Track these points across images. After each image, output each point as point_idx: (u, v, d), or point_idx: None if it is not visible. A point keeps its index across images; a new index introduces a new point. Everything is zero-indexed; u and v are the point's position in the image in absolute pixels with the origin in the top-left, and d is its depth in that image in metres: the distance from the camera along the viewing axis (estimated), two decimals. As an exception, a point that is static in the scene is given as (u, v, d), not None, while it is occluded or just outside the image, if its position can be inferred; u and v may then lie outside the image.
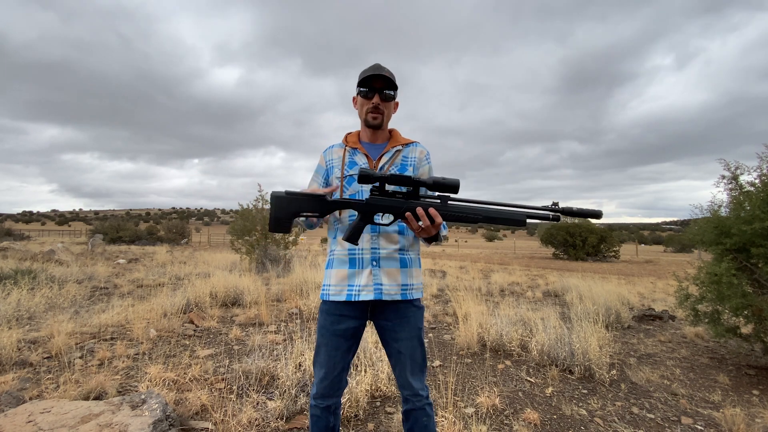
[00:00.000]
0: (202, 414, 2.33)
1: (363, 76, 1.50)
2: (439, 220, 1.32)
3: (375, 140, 1.60)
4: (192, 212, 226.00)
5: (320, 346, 1.53)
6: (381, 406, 2.56)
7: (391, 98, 1.53)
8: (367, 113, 1.53)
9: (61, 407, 1.99)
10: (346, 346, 1.51)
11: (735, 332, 3.52)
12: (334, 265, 1.52)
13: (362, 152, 1.55)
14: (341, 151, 1.59)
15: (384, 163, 1.54)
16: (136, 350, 3.38)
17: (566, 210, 1.29)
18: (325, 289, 1.53)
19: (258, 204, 10.23)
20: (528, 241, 55.99)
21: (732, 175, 3.59)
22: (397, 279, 1.49)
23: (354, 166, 1.54)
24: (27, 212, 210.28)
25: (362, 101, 1.54)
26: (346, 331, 1.49)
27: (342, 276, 1.49)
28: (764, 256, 3.24)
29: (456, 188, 1.30)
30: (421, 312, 1.58)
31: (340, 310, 1.49)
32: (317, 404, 1.53)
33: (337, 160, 1.58)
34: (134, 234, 25.29)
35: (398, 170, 1.55)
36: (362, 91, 1.52)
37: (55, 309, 4.77)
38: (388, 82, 1.50)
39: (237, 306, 5.33)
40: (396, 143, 1.59)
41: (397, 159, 1.57)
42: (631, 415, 2.58)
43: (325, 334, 1.51)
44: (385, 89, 1.51)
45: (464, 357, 3.61)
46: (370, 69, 1.50)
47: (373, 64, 1.54)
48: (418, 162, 1.60)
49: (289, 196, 1.37)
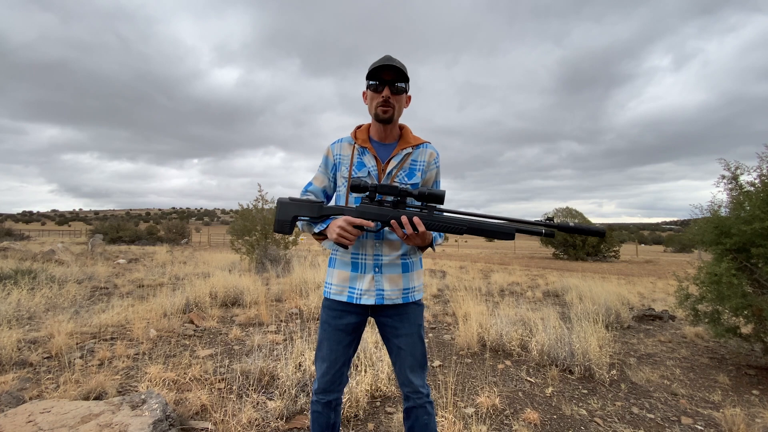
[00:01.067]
0: (202, 414, 2.33)
1: (372, 67, 1.42)
2: (422, 228, 1.32)
3: (385, 138, 1.54)
4: (192, 212, 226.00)
5: (322, 341, 1.53)
6: (381, 406, 2.55)
7: (402, 91, 1.46)
8: (377, 107, 1.45)
9: (61, 407, 1.99)
10: (348, 341, 1.52)
11: (735, 332, 3.52)
12: (336, 265, 1.52)
13: (372, 153, 1.51)
14: (350, 148, 1.54)
15: (392, 168, 1.50)
16: (136, 350, 3.38)
17: (563, 226, 1.23)
18: (328, 287, 1.54)
19: (258, 204, 10.23)
20: (528, 241, 56.01)
21: (732, 175, 3.59)
22: (399, 284, 1.50)
23: (362, 168, 1.50)
24: (27, 212, 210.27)
25: (372, 95, 1.46)
26: (348, 326, 1.51)
27: (344, 277, 1.49)
28: (764, 256, 3.24)
29: (441, 199, 1.33)
30: (422, 309, 1.58)
31: (342, 306, 1.50)
32: (318, 399, 1.53)
33: (345, 157, 1.53)
34: (134, 234, 25.30)
35: (406, 175, 1.52)
36: (372, 84, 1.45)
37: (55, 309, 4.77)
38: (399, 73, 1.42)
39: (237, 306, 5.33)
40: (406, 144, 1.53)
41: (406, 163, 1.53)
42: (631, 415, 2.58)
43: (327, 329, 1.52)
44: (396, 81, 1.44)
45: (464, 357, 3.60)
46: (380, 60, 1.43)
47: (384, 55, 1.46)
48: (426, 166, 1.56)
49: (291, 202, 1.45)
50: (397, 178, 1.51)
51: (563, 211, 23.44)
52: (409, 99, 1.56)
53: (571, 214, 23.12)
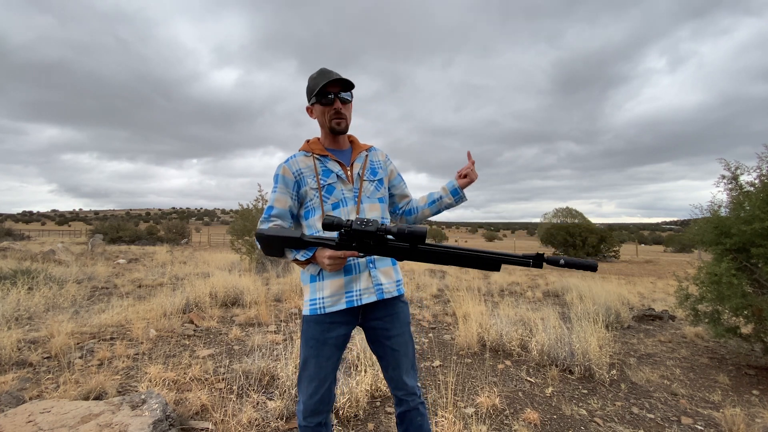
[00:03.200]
0: (202, 414, 2.33)
1: (318, 85, 1.45)
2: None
3: (339, 146, 1.59)
4: (192, 212, 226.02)
5: (308, 359, 1.46)
6: (381, 406, 2.56)
7: (349, 100, 1.52)
8: (331, 120, 1.50)
9: (61, 407, 1.99)
10: (336, 356, 1.48)
11: (735, 332, 3.52)
12: (326, 276, 1.45)
13: (334, 159, 1.53)
14: (309, 160, 1.53)
15: (358, 170, 1.55)
16: (136, 350, 3.38)
17: (552, 259, 1.18)
18: (317, 302, 1.45)
19: (258, 204, 10.23)
20: (528, 241, 56.01)
21: (732, 175, 3.59)
22: (392, 276, 1.52)
23: (329, 174, 1.51)
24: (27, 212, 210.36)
25: (322, 109, 1.50)
26: (338, 338, 1.46)
27: (338, 285, 1.44)
28: (764, 256, 3.24)
29: (423, 238, 1.25)
30: (407, 307, 1.60)
31: (332, 318, 1.45)
32: (308, 423, 1.46)
33: (307, 169, 1.51)
34: (134, 234, 25.29)
35: (370, 174, 1.58)
36: (320, 99, 1.48)
37: (55, 309, 4.77)
38: (344, 84, 1.48)
39: (237, 306, 5.33)
40: (360, 148, 1.61)
41: (368, 163, 1.60)
42: (631, 415, 2.58)
43: (315, 345, 1.45)
44: (342, 92, 1.49)
45: (464, 357, 3.60)
46: (322, 77, 1.47)
47: (319, 69, 1.51)
48: (383, 164, 1.65)
49: (275, 236, 1.39)
50: (365, 176, 1.56)
51: (563, 211, 23.45)
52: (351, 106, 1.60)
53: (571, 214, 23.13)
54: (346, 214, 1.49)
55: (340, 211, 1.49)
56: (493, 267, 1.28)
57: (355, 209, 1.50)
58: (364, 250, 1.32)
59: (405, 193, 1.74)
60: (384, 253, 1.32)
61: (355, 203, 1.51)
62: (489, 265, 1.28)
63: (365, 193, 1.54)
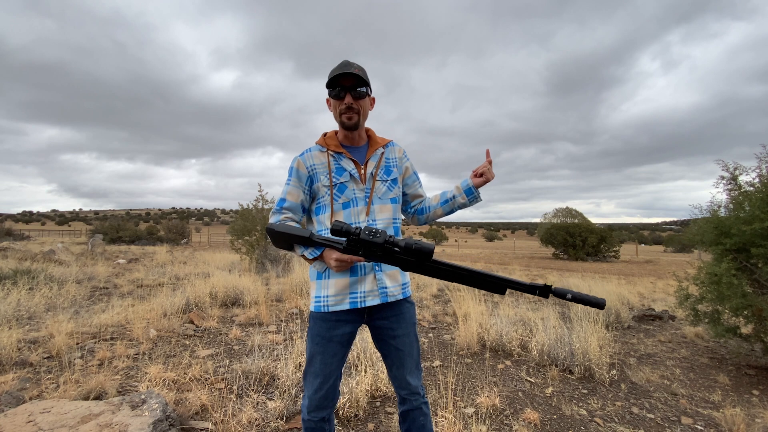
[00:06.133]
0: (202, 414, 2.33)
1: (331, 75, 1.41)
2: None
3: (355, 142, 1.55)
4: (192, 212, 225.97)
5: (314, 355, 1.46)
6: (381, 406, 2.56)
7: (364, 95, 1.46)
8: (341, 115, 1.46)
9: (61, 407, 1.99)
10: (341, 353, 1.48)
11: (735, 332, 3.52)
12: (332, 275, 1.45)
13: (348, 157, 1.50)
14: (323, 156, 1.51)
15: (372, 169, 1.52)
16: (136, 350, 3.38)
17: (559, 292, 1.17)
18: (322, 300, 1.46)
19: (258, 204, 10.23)
20: (528, 241, 55.99)
21: (731, 175, 3.59)
22: (398, 279, 1.50)
23: (343, 173, 1.49)
24: (27, 212, 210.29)
25: (334, 102, 1.47)
26: (343, 336, 1.46)
27: (343, 285, 1.43)
28: (764, 256, 3.24)
29: (429, 255, 1.25)
30: (414, 307, 1.58)
31: (337, 316, 1.46)
32: (312, 418, 1.48)
33: (321, 166, 1.49)
34: (134, 234, 25.28)
35: (384, 173, 1.54)
36: (332, 92, 1.45)
37: (55, 309, 4.77)
38: (357, 79, 1.42)
39: (237, 306, 5.33)
40: (377, 145, 1.56)
41: (382, 162, 1.56)
42: (631, 415, 2.59)
43: (320, 341, 1.46)
44: (357, 86, 1.43)
45: (464, 357, 3.61)
46: (337, 68, 1.43)
47: (341, 61, 1.46)
48: (399, 161, 1.61)
49: (285, 233, 1.40)
50: (378, 176, 1.52)
51: (563, 211, 23.44)
52: (374, 101, 1.56)
53: (571, 214, 23.12)
54: (355, 214, 1.47)
55: (350, 211, 1.47)
56: (499, 290, 1.27)
57: (365, 210, 1.48)
58: (371, 257, 1.32)
59: (418, 193, 1.70)
60: (391, 262, 1.32)
61: (365, 203, 1.49)
62: (495, 287, 1.27)
63: (377, 193, 1.51)
